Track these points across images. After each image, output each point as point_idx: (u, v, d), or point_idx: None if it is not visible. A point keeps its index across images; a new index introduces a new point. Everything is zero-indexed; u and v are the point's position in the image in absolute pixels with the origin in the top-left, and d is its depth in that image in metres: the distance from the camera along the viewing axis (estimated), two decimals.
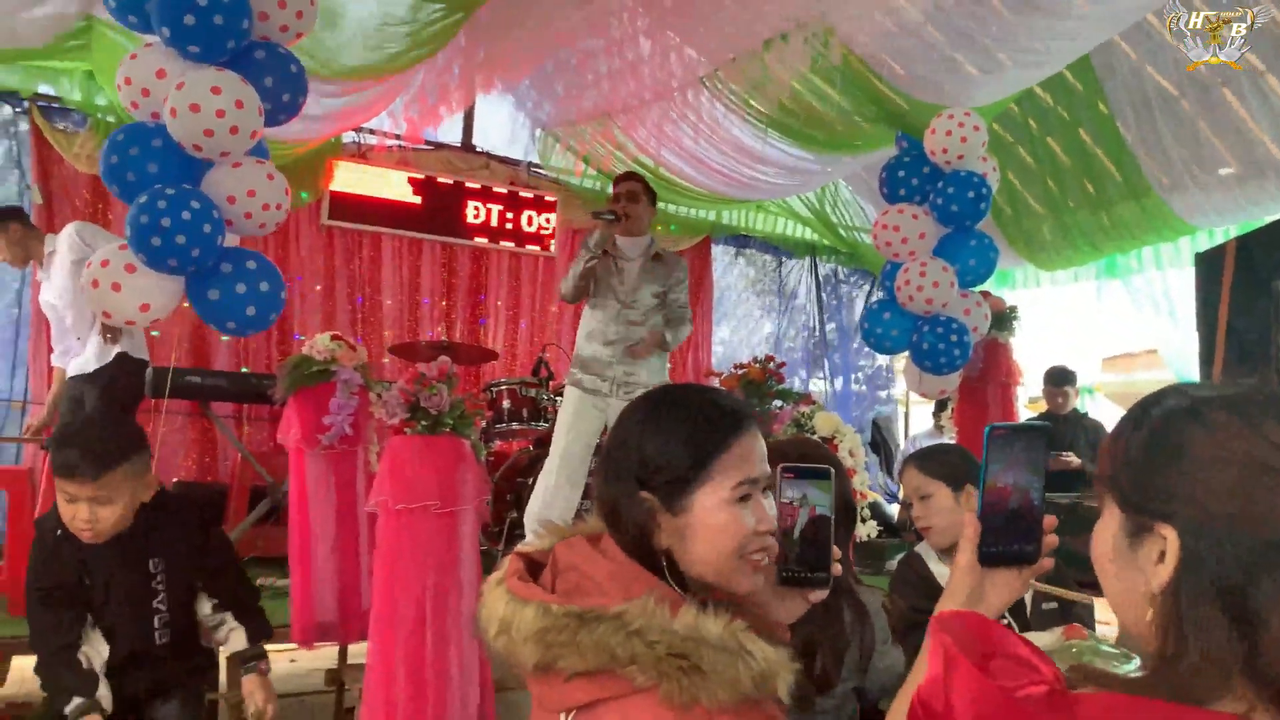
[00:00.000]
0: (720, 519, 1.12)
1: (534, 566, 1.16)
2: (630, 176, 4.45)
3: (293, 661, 4.99)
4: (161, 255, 3.02)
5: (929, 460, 2.55)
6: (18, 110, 5.65)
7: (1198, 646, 0.76)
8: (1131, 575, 0.85)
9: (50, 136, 5.60)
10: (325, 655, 4.43)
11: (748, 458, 1.15)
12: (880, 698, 1.96)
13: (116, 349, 4.32)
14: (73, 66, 5.40)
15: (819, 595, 1.27)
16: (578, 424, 4.17)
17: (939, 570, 2.52)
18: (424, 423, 2.95)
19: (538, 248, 7.16)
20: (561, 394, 4.61)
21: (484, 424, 4.90)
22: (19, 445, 5.35)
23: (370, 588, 3.23)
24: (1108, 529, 0.88)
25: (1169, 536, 0.81)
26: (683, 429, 1.15)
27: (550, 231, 7.15)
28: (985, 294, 5.47)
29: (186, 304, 3.31)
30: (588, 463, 4.23)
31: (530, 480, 4.76)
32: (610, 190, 4.43)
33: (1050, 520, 1.06)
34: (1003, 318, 5.59)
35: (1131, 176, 5.74)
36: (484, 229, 6.93)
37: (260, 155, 3.35)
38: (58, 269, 4.35)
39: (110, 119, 5.57)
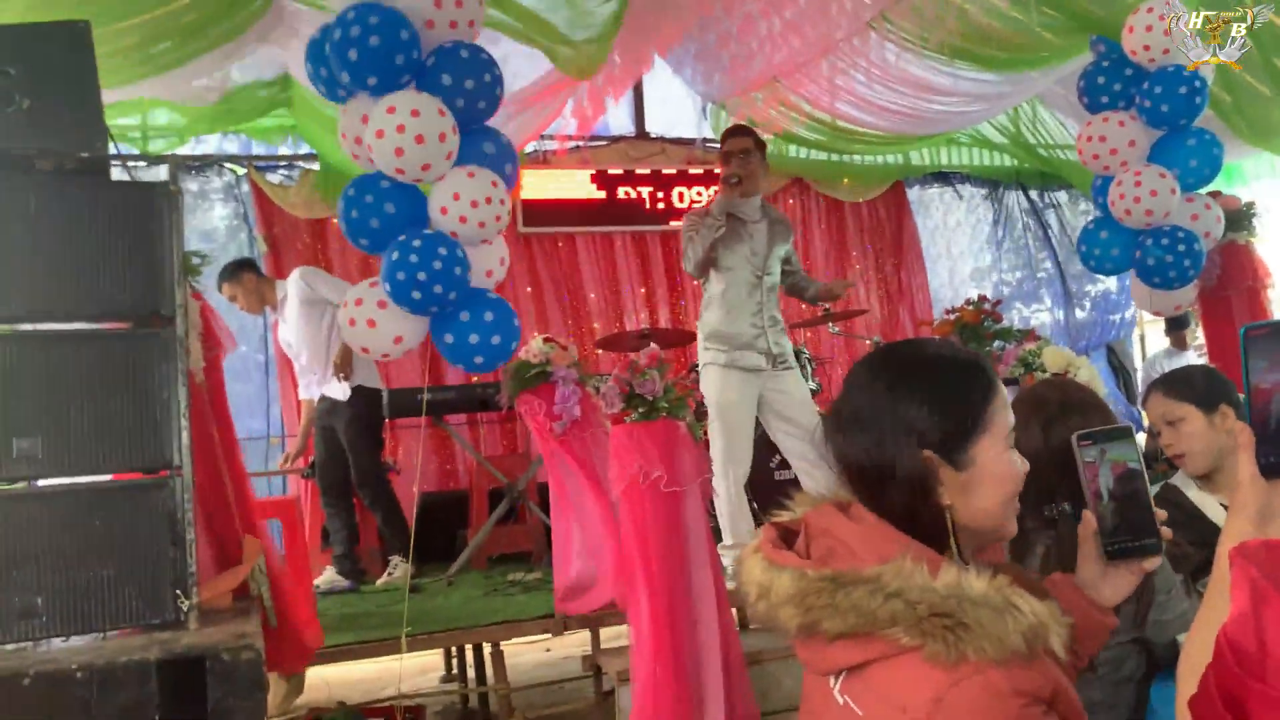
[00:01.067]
0: (1003, 466, 1.14)
1: (787, 534, 1.17)
2: (739, 131, 4.19)
3: (548, 651, 5.25)
4: (423, 304, 3.21)
5: (1175, 383, 2.42)
6: (241, 173, 6.20)
7: None
8: None
9: (268, 191, 6.13)
10: (576, 641, 4.63)
11: (1007, 402, 1.16)
12: (1169, 649, 1.84)
13: (353, 383, 4.68)
14: (279, 124, 5.88)
15: (1153, 563, 1.20)
16: (742, 405, 3.99)
17: (1199, 499, 2.37)
18: (640, 409, 3.03)
19: None
20: None
21: (696, 405, 4.93)
22: (284, 476, 5.89)
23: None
24: None
25: None
26: (950, 383, 1.15)
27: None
28: (1215, 194, 5.01)
29: None
30: (751, 437, 4.08)
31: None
32: (755, 148, 4.11)
33: None
34: (1239, 217, 5.11)
35: None
36: (667, 211, 7.01)
37: (478, 159, 3.42)
38: (290, 311, 4.76)
39: (315, 167, 6.02)
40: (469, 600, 4.30)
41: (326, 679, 4.44)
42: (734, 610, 3.58)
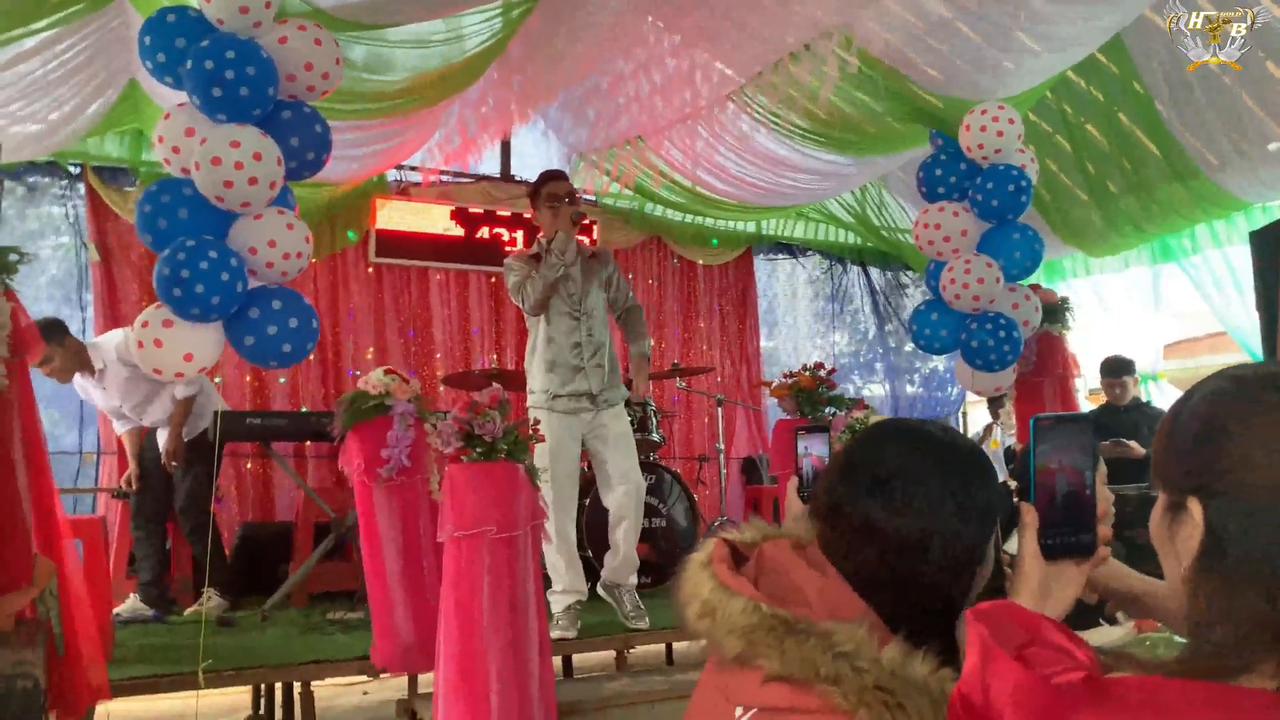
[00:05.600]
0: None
1: (737, 556, 1.16)
2: (562, 174, 4.24)
3: (365, 694, 5.07)
4: (185, 304, 3.16)
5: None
6: (75, 175, 5.85)
7: (1226, 619, 0.77)
8: (1172, 555, 0.86)
9: (105, 196, 5.80)
10: (396, 686, 4.50)
11: None
12: None
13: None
14: (124, 127, 5.59)
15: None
16: (565, 448, 4.01)
17: None
18: (479, 450, 3.00)
19: None
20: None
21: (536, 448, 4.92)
22: (94, 495, 5.53)
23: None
24: (1155, 512, 0.90)
25: (1194, 509, 0.82)
26: (989, 477, 1.15)
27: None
28: (1035, 287, 5.40)
29: None
30: (577, 481, 4.15)
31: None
32: (571, 203, 4.08)
33: (1103, 509, 1.05)
34: (1055, 310, 5.51)
35: (1174, 157, 5.64)
36: None
37: (283, 205, 3.45)
38: (112, 384, 4.44)
39: (162, 174, 5.74)
40: (285, 637, 4.12)
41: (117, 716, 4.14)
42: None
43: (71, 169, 5.85)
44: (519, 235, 6.96)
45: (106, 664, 3.22)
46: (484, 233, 6.88)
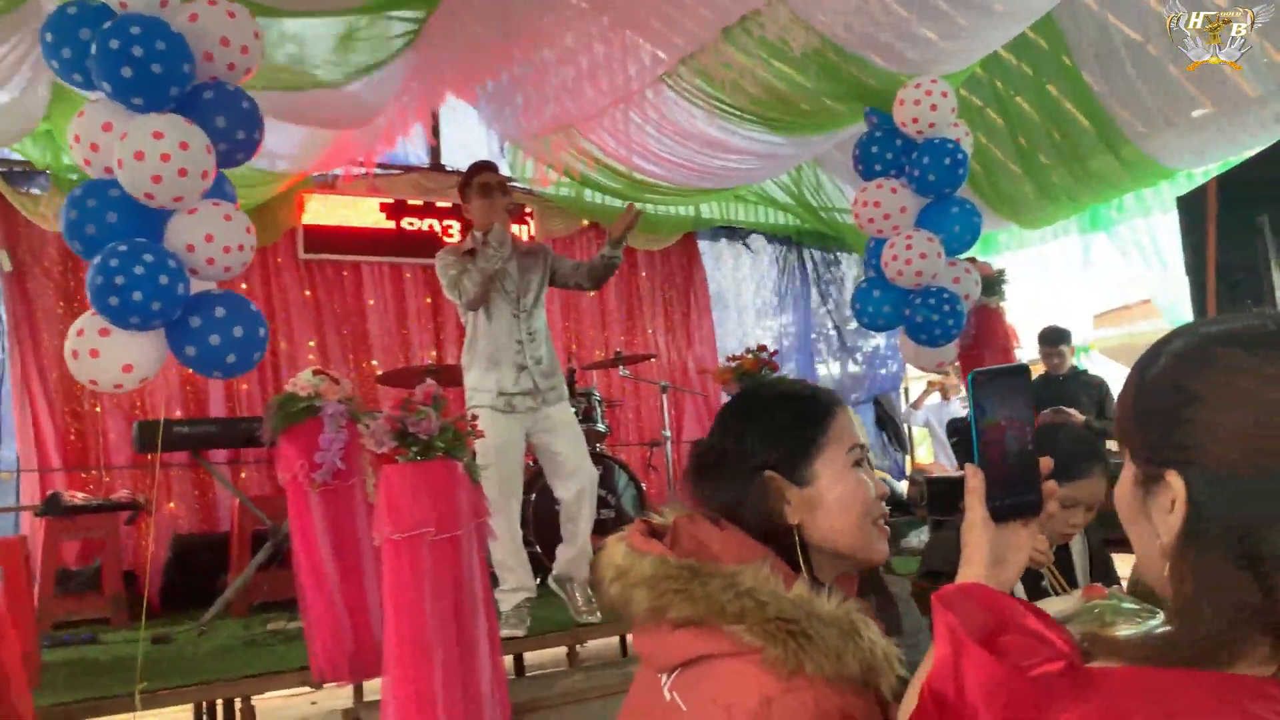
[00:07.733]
0: (845, 485, 1.17)
1: (655, 532, 1.19)
2: (491, 165, 4.07)
3: (313, 704, 4.94)
4: (123, 313, 2.95)
5: None
6: None
7: (1211, 601, 0.71)
8: (1147, 529, 0.81)
9: (14, 200, 5.54)
10: (345, 694, 4.38)
11: (851, 425, 1.22)
12: None
13: None
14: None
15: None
16: (511, 446, 3.90)
17: None
18: (414, 449, 2.90)
19: None
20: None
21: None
22: (16, 514, 5.30)
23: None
24: (1125, 482, 0.84)
25: (1176, 484, 0.76)
26: (791, 407, 1.22)
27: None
28: (973, 260, 5.42)
29: None
30: (522, 477, 4.05)
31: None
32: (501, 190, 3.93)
33: (1046, 464, 1.01)
34: (992, 282, 5.55)
35: (1104, 127, 5.71)
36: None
37: (220, 196, 3.28)
38: None
39: (74, 176, 5.50)
40: (223, 651, 3.99)
41: None
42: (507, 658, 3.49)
43: None
44: (453, 224, 6.82)
45: (33, 691, 3.07)
46: (417, 225, 6.73)
